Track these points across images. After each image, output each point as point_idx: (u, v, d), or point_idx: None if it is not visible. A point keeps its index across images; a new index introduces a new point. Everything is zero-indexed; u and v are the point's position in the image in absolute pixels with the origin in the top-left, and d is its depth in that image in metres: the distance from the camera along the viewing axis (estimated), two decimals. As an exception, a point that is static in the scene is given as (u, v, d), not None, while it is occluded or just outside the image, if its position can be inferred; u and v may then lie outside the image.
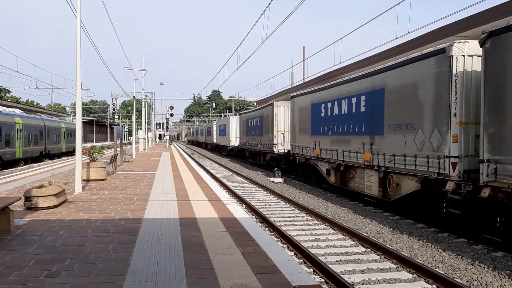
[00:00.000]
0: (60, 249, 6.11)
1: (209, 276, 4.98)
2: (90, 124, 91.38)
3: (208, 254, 5.88)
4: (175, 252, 5.96)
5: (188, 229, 7.43)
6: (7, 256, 5.79)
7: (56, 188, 9.65)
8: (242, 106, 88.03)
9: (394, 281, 6.93)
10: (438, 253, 8.61)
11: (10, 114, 30.84)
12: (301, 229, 10.57)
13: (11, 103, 50.05)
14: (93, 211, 9.15)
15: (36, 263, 5.48)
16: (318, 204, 14.47)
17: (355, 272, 7.32)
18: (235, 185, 19.75)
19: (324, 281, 6.77)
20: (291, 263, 5.65)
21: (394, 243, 9.33)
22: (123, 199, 10.82)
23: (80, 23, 11.82)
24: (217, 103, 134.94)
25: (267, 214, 12.15)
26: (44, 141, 37.50)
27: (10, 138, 29.19)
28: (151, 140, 61.99)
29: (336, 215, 12.43)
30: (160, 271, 5.17)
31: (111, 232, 7.17)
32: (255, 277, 4.97)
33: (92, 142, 76.54)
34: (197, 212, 9.08)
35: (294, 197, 15.84)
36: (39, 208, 9.13)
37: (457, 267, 7.76)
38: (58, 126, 43.07)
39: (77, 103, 12.78)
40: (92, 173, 14.86)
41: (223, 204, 10.15)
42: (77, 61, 11.68)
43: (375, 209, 13.27)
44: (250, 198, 15.63)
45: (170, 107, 52.60)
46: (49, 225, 7.71)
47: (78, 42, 11.66)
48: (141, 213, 8.94)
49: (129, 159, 27.49)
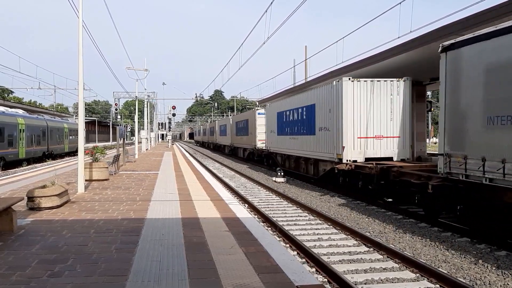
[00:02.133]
0: (63, 249, 6.12)
1: (211, 276, 4.97)
2: (92, 124, 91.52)
3: (210, 254, 5.87)
4: (177, 252, 5.96)
5: (190, 229, 7.42)
6: (10, 256, 5.80)
7: (58, 188, 9.66)
8: (244, 106, 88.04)
9: (397, 280, 6.91)
10: (441, 253, 8.59)
11: (13, 114, 30.93)
12: (304, 229, 10.56)
13: (13, 103, 50.16)
14: (95, 211, 9.16)
15: (38, 263, 5.49)
16: (321, 203, 14.45)
17: (358, 272, 7.31)
18: (238, 184, 19.75)
19: (327, 281, 6.76)
20: (294, 262, 5.64)
21: (397, 243, 9.31)
22: (125, 199, 10.82)
23: (81, 23, 11.83)
24: (219, 103, 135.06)
25: (269, 214, 12.15)
26: (47, 141, 37.59)
27: (13, 139, 29.28)
28: (154, 140, 62.07)
29: (338, 215, 12.41)
30: (163, 271, 5.16)
31: (113, 232, 7.17)
32: (257, 277, 4.96)
33: (94, 142, 76.61)
34: (200, 212, 9.08)
35: (296, 196, 15.84)
36: (41, 208, 9.15)
37: (460, 266, 7.74)
38: (61, 127, 43.18)
39: (79, 104, 12.79)
40: (95, 173, 14.88)
41: (226, 204, 10.14)
42: (79, 62, 11.70)
43: (378, 209, 13.25)
44: (253, 197, 15.63)
45: (172, 107, 52.73)
46: (51, 225, 7.72)
47: (79, 42, 11.67)
48: (143, 213, 8.95)
49: (132, 159, 27.53)
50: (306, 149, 19.13)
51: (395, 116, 15.36)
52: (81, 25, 11.78)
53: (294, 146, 20.91)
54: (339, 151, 15.27)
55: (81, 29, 11.76)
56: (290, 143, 21.81)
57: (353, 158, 14.98)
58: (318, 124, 17.55)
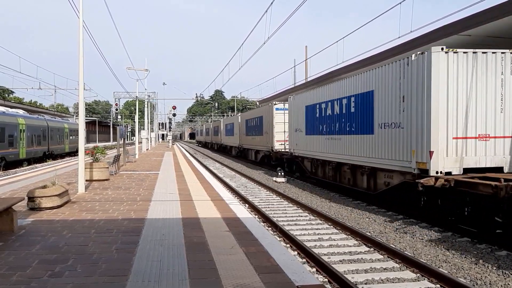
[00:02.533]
0: (63, 250, 6.12)
1: (212, 276, 4.97)
2: (93, 124, 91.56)
3: (211, 254, 5.87)
4: (178, 252, 5.96)
5: (191, 229, 7.42)
6: (11, 256, 5.80)
7: (59, 189, 9.66)
8: (245, 105, 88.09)
9: (398, 280, 6.91)
10: (441, 253, 8.59)
11: (14, 114, 30.94)
12: (304, 229, 10.56)
13: (14, 103, 50.22)
14: (96, 211, 9.16)
15: (39, 263, 5.49)
16: (321, 203, 14.45)
17: (358, 272, 7.30)
18: (238, 184, 19.75)
19: (327, 281, 6.76)
20: (294, 262, 5.63)
21: (398, 243, 9.31)
22: (126, 199, 10.83)
23: (82, 23, 11.84)
24: (219, 103, 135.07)
25: (270, 214, 12.15)
26: (47, 141, 37.61)
27: (14, 139, 29.29)
28: (154, 140, 62.08)
29: (339, 215, 12.41)
30: (163, 271, 5.16)
31: (114, 232, 7.17)
32: (258, 277, 4.96)
33: (95, 143, 76.65)
34: (200, 212, 9.08)
35: (297, 196, 15.83)
36: (42, 208, 9.15)
37: (461, 266, 7.74)
38: (61, 127, 43.18)
39: (80, 104, 12.79)
40: (95, 173, 14.88)
41: (226, 204, 10.14)
42: (79, 62, 11.70)
43: (378, 208, 13.23)
44: (253, 197, 15.63)
45: (172, 107, 52.71)
46: (52, 225, 7.72)
47: (80, 42, 11.67)
48: (144, 213, 8.95)
49: (132, 159, 27.53)
50: (356, 153, 14.46)
51: (508, 105, 10.76)
52: (81, 25, 11.78)
53: (334, 149, 16.38)
54: (423, 158, 10.67)
55: (81, 29, 11.76)
56: (326, 145, 17.14)
57: (445, 168, 10.37)
58: (379, 118, 12.97)
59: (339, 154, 15.92)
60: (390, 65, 12.30)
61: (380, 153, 12.87)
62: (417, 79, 10.93)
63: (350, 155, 14.93)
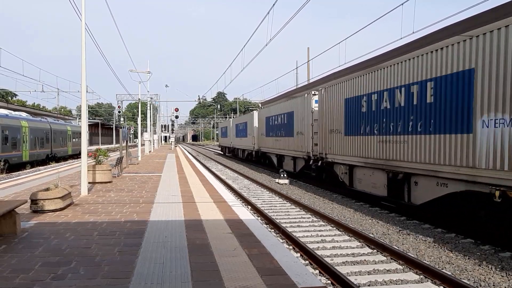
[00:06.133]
0: (66, 252, 6.13)
1: (214, 278, 4.97)
2: (96, 126, 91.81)
3: (213, 256, 5.87)
4: (180, 254, 5.96)
5: (193, 231, 7.42)
6: (14, 259, 5.81)
7: (62, 191, 9.68)
8: (247, 107, 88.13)
9: (401, 282, 6.88)
10: (445, 254, 8.55)
11: (17, 117, 31.05)
12: (307, 231, 10.54)
13: (17, 106, 50.35)
14: (99, 213, 9.17)
15: (42, 266, 5.50)
16: (324, 205, 14.42)
17: (361, 273, 7.28)
18: (240, 186, 19.73)
19: (330, 283, 6.74)
20: (297, 264, 5.62)
21: (401, 244, 9.28)
22: (128, 201, 10.84)
23: (84, 26, 11.87)
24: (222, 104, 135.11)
25: (272, 216, 12.13)
26: (50, 144, 37.72)
27: (17, 141, 29.40)
28: (157, 142, 62.17)
29: (342, 216, 12.38)
30: (166, 273, 5.16)
31: (116, 235, 7.18)
32: (260, 279, 4.95)
33: (98, 145, 76.83)
34: (203, 214, 9.08)
35: (299, 198, 15.81)
36: (45, 211, 9.17)
37: (465, 267, 7.70)
38: (64, 129, 43.30)
39: (82, 106, 12.82)
40: (98, 175, 14.91)
41: (229, 206, 10.14)
42: (82, 64, 11.74)
43: (381, 210, 13.20)
44: (256, 199, 15.62)
45: (175, 109, 52.72)
46: (55, 227, 7.74)
47: (83, 45, 11.71)
48: (146, 215, 8.95)
49: (135, 161, 27.55)
50: (438, 160, 10.22)
51: None
52: (84, 28, 11.82)
53: (395, 153, 12.16)
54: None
55: (84, 32, 11.80)
56: (379, 149, 13.14)
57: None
58: (484, 111, 8.83)
59: (403, 161, 11.69)
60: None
61: (481, 161, 8.82)
62: None
63: (425, 163, 10.73)
